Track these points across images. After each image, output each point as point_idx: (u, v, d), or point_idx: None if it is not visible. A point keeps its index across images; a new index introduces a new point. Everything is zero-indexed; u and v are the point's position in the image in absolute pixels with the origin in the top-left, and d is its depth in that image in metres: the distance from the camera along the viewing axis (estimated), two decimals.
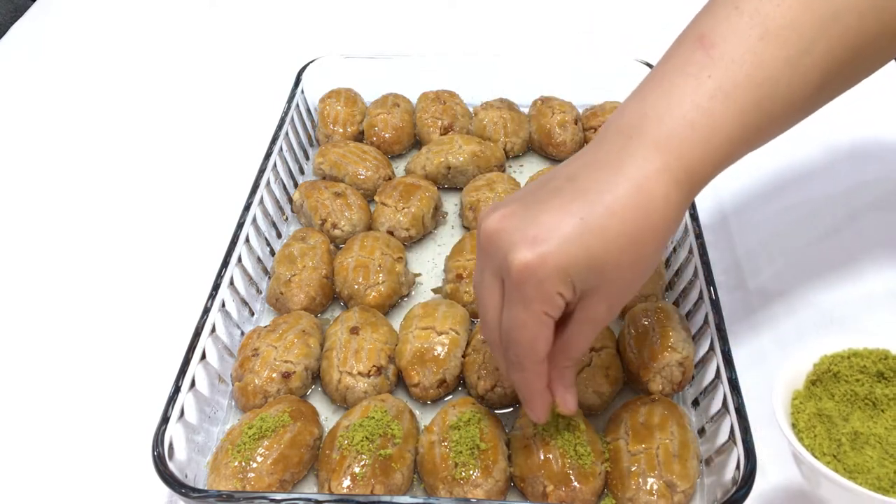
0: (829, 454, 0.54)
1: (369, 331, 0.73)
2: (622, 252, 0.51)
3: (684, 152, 0.52)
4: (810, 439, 0.55)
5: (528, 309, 0.52)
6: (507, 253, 0.52)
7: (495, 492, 0.61)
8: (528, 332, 0.53)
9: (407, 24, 1.31)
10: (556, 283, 0.51)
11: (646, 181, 0.51)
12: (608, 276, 0.52)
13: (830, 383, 0.58)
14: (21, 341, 0.81)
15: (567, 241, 0.50)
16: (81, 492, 0.67)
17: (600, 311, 0.54)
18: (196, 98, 1.16)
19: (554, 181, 0.54)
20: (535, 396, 0.57)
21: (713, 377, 0.67)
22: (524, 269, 0.50)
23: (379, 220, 0.88)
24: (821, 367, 0.59)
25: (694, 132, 0.52)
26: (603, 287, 0.52)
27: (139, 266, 0.89)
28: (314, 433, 0.66)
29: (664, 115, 0.53)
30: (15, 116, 1.15)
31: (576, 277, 0.51)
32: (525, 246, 0.51)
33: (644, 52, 1.02)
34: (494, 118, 1.00)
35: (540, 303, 0.51)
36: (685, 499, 0.61)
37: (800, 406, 0.57)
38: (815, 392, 0.58)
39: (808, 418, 0.56)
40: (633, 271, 0.53)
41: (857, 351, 0.59)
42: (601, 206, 0.51)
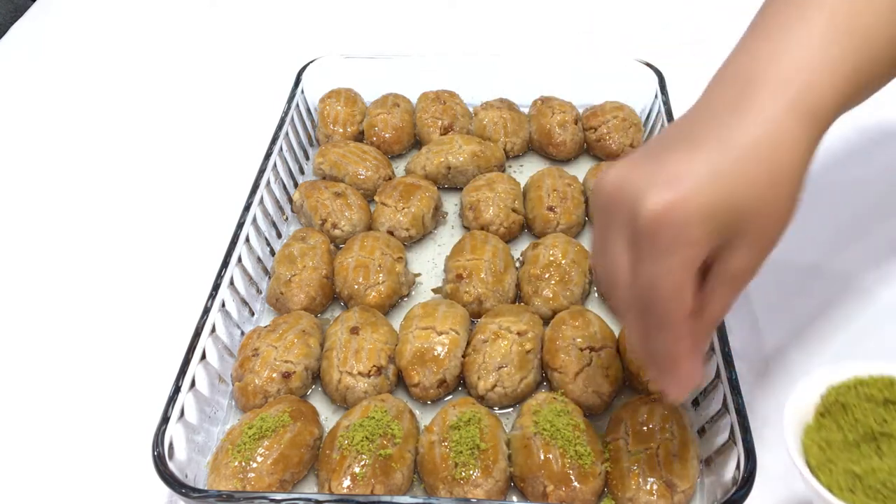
0: (846, 489, 0.53)
1: (369, 331, 0.73)
2: (761, 194, 0.48)
3: (806, 92, 0.50)
4: (826, 476, 0.54)
5: (669, 256, 0.47)
6: (638, 200, 0.47)
7: (495, 492, 0.61)
8: (671, 281, 0.47)
9: (407, 24, 1.31)
10: (699, 226, 0.46)
11: (773, 122, 0.49)
12: (748, 222, 0.48)
13: (839, 414, 0.58)
14: (21, 341, 0.81)
15: (705, 182, 0.46)
16: (81, 492, 0.67)
17: (743, 263, 0.49)
18: (196, 98, 1.16)
19: (674, 132, 0.52)
20: (682, 361, 0.51)
21: (713, 377, 0.67)
22: (663, 212, 0.46)
23: (379, 220, 0.88)
24: (828, 398, 0.58)
25: (813, 72, 0.51)
26: (746, 235, 0.48)
27: (139, 266, 0.89)
28: (314, 433, 0.66)
29: (780, 57, 0.52)
30: (15, 116, 1.15)
31: (720, 221, 0.47)
32: (660, 189, 0.46)
33: (644, 52, 1.03)
34: (494, 118, 1.00)
35: (683, 247, 0.47)
36: (685, 499, 0.61)
37: (811, 441, 0.57)
38: (824, 424, 0.58)
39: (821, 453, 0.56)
40: (772, 216, 0.49)
41: (862, 379, 0.59)
42: (734, 147, 0.48)
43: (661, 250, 0.47)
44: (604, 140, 0.97)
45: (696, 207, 0.46)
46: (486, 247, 0.81)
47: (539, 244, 0.82)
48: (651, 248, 0.47)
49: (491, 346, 0.71)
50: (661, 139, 0.52)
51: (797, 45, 0.52)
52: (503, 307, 0.76)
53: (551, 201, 0.87)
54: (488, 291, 0.78)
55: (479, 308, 0.78)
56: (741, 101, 0.51)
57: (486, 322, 0.74)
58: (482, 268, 0.79)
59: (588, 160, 1.00)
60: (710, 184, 0.47)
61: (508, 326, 0.72)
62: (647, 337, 0.52)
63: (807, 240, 0.87)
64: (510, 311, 0.75)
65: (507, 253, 0.83)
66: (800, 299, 0.81)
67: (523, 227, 0.90)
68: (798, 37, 0.52)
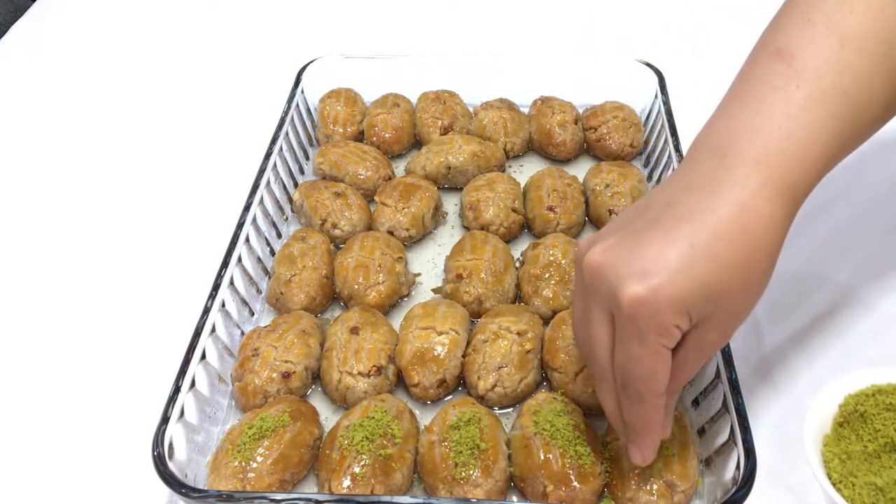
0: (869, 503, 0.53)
1: (369, 331, 0.73)
2: (734, 276, 0.49)
3: (783, 166, 0.51)
4: (849, 490, 0.54)
5: (644, 343, 0.50)
6: (616, 288, 0.50)
7: (495, 492, 0.61)
8: (646, 365, 0.51)
9: (407, 24, 1.31)
10: (671, 316, 0.49)
11: (749, 200, 0.50)
12: (721, 302, 0.50)
13: (858, 424, 0.58)
14: (21, 342, 0.81)
15: (678, 270, 0.48)
16: (81, 492, 0.67)
17: (714, 338, 0.51)
18: (196, 98, 1.16)
19: (651, 209, 0.53)
20: (652, 431, 0.55)
21: (713, 377, 0.67)
22: (637, 303, 0.48)
23: (379, 220, 0.88)
24: (846, 408, 0.58)
25: (790, 144, 0.51)
26: (717, 313, 0.50)
27: (139, 266, 0.89)
28: (314, 433, 0.66)
29: (757, 129, 0.52)
30: (15, 116, 1.15)
31: (691, 307, 0.49)
32: (635, 279, 0.49)
33: (644, 52, 1.03)
34: (494, 118, 1.00)
35: (656, 336, 0.49)
36: (685, 499, 0.61)
37: (831, 453, 0.56)
38: (843, 434, 0.58)
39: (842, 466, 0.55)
40: (745, 295, 0.51)
41: (881, 387, 0.59)
42: (706, 230, 0.49)
43: (639, 335, 0.50)
44: (604, 140, 0.97)
45: (668, 298, 0.48)
46: (486, 247, 0.81)
47: (539, 244, 0.82)
48: (630, 331, 0.50)
49: (491, 346, 0.71)
50: (641, 212, 0.53)
51: (774, 115, 0.52)
52: (503, 307, 0.76)
53: (551, 201, 0.87)
54: (488, 291, 0.78)
55: (479, 308, 0.78)
56: (718, 176, 0.51)
57: (486, 322, 0.74)
58: (482, 268, 0.79)
59: (588, 160, 1.00)
60: (685, 270, 0.48)
61: (508, 326, 0.72)
62: (622, 407, 0.55)
63: (808, 244, 0.87)
64: (510, 311, 0.75)
65: (507, 253, 0.83)
66: (800, 300, 0.81)
67: (523, 227, 0.90)
68: (775, 106, 0.52)
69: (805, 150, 0.51)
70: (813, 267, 0.84)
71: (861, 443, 0.57)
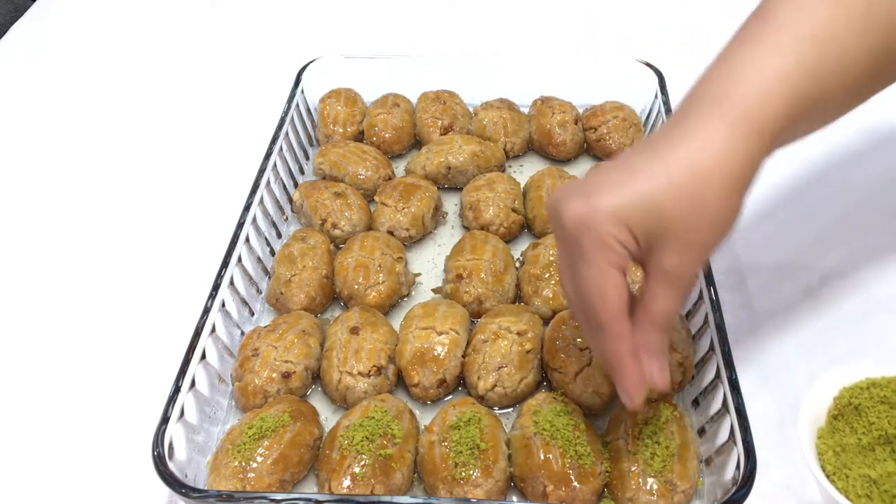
0: (863, 495, 0.54)
1: (369, 331, 0.73)
2: (681, 198, 0.50)
3: (749, 102, 0.51)
4: (843, 482, 0.54)
5: (587, 260, 0.51)
6: (560, 213, 0.52)
7: (495, 492, 0.61)
8: (593, 284, 0.51)
9: (407, 24, 1.31)
10: (609, 227, 0.50)
11: (701, 130, 0.51)
12: (671, 222, 0.50)
13: (852, 417, 0.58)
14: (21, 342, 0.81)
15: (618, 186, 0.50)
16: (81, 492, 0.67)
17: (671, 262, 0.51)
18: (196, 98, 1.16)
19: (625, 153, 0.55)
20: (622, 364, 0.53)
21: (713, 377, 0.67)
22: (576, 220, 0.51)
23: (379, 220, 0.88)
24: (841, 400, 0.58)
25: (760, 84, 0.52)
26: (669, 234, 0.50)
27: (139, 266, 0.89)
28: (314, 433, 0.66)
29: (728, 75, 0.53)
30: (15, 116, 1.15)
31: (632, 220, 0.50)
32: (576, 200, 0.51)
33: (644, 52, 1.03)
34: (494, 118, 1.00)
35: (597, 250, 0.50)
36: (685, 499, 0.61)
37: (825, 445, 0.56)
38: (837, 427, 0.58)
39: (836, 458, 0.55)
40: (697, 219, 0.50)
41: (875, 381, 0.59)
42: (655, 156, 0.51)
43: (583, 255, 0.51)
44: (604, 140, 0.97)
45: (606, 211, 0.50)
46: (486, 247, 0.81)
47: (539, 244, 0.82)
48: (575, 254, 0.52)
49: (491, 346, 0.71)
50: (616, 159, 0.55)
51: (751, 59, 0.53)
52: (503, 307, 0.76)
53: None
54: (488, 291, 0.78)
55: (479, 308, 0.78)
56: (677, 121, 0.53)
57: (486, 322, 0.74)
58: (482, 268, 0.79)
59: (588, 160, 1.00)
60: (625, 187, 0.50)
61: (508, 326, 0.72)
62: (592, 341, 0.55)
63: (806, 240, 0.87)
64: (510, 311, 0.75)
65: (507, 253, 0.83)
66: (800, 299, 0.81)
67: (523, 227, 0.90)
68: (746, 54, 0.53)
69: (772, 89, 0.52)
70: (813, 266, 0.84)
71: (855, 435, 0.57)
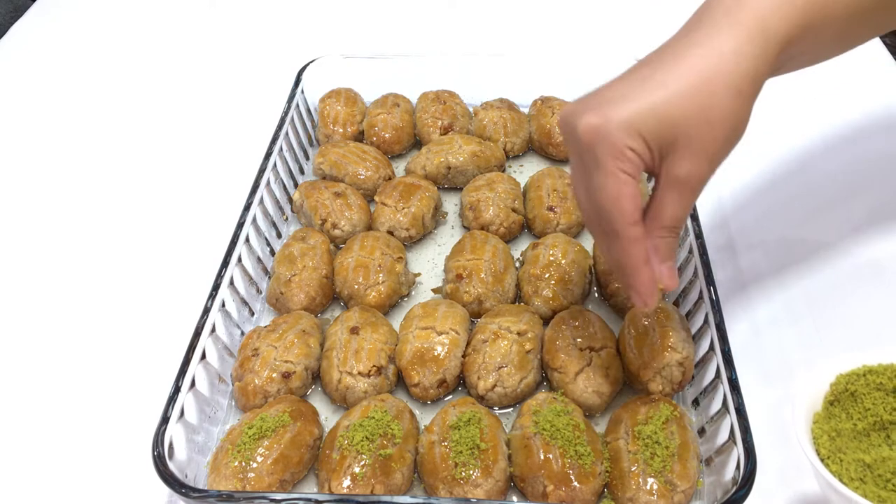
0: (856, 479, 0.54)
1: (369, 331, 0.73)
2: (694, 104, 0.51)
3: (763, 12, 0.53)
4: (836, 465, 0.54)
5: (602, 170, 0.53)
6: (574, 127, 0.53)
7: (495, 492, 0.61)
8: (608, 192, 0.53)
9: (407, 24, 1.31)
10: (622, 137, 0.51)
11: (712, 37, 0.52)
12: (683, 130, 0.52)
13: (848, 403, 0.58)
14: (21, 341, 0.81)
15: (630, 98, 0.52)
16: (81, 492, 0.67)
17: (683, 169, 0.53)
18: (196, 98, 1.16)
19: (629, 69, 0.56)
20: (636, 269, 0.56)
21: (713, 377, 0.67)
22: (590, 131, 0.52)
23: (379, 220, 0.88)
24: (837, 386, 0.58)
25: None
26: (680, 142, 0.52)
27: (140, 266, 0.89)
28: (314, 433, 0.66)
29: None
30: (15, 116, 1.15)
31: (644, 130, 0.52)
32: (589, 113, 0.53)
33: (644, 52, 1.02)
34: (494, 118, 1.00)
35: (612, 160, 0.52)
36: (685, 499, 0.61)
37: (820, 430, 0.57)
38: (833, 413, 0.58)
39: (831, 442, 0.56)
40: (710, 125, 0.52)
41: (872, 368, 0.59)
42: (664, 65, 0.52)
43: (597, 164, 0.53)
44: None
45: (619, 120, 0.52)
46: (486, 247, 0.81)
47: (539, 244, 0.82)
48: (590, 164, 0.54)
49: (491, 346, 0.71)
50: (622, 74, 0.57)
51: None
52: (503, 307, 0.76)
53: (551, 201, 0.87)
54: (488, 291, 0.78)
55: (479, 308, 0.78)
56: (692, 27, 0.54)
57: (486, 322, 0.74)
58: (482, 268, 0.79)
59: None
60: (637, 97, 0.52)
61: (508, 326, 0.72)
62: (606, 249, 0.58)
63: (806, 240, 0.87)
64: (510, 311, 0.75)
65: (507, 253, 0.83)
66: (800, 299, 0.81)
67: (523, 227, 0.90)
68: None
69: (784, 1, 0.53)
70: (813, 264, 0.84)
71: (851, 421, 0.57)
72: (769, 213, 0.91)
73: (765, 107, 0.58)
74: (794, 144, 0.99)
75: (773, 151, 0.98)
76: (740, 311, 0.79)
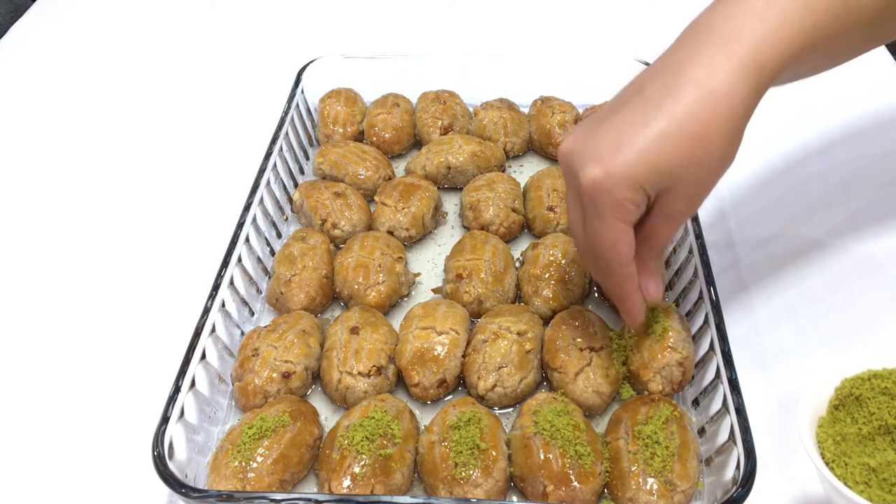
0: (861, 482, 0.54)
1: (369, 331, 0.73)
2: (691, 150, 0.53)
3: (752, 43, 0.53)
4: (841, 469, 0.55)
5: (603, 220, 0.56)
6: (577, 172, 0.55)
7: (495, 492, 0.61)
8: (607, 240, 0.57)
9: (407, 24, 1.31)
10: (625, 192, 0.54)
11: (709, 76, 0.53)
12: (679, 175, 0.54)
13: (853, 407, 0.58)
14: (21, 341, 0.81)
15: (631, 151, 0.53)
16: (82, 492, 0.67)
17: (678, 208, 0.56)
18: (196, 98, 1.16)
19: (625, 94, 0.57)
20: (628, 298, 0.62)
21: (713, 377, 0.67)
22: (594, 184, 0.54)
23: (379, 220, 0.88)
24: (842, 391, 0.59)
25: (763, 24, 0.54)
26: (677, 185, 0.54)
27: (139, 266, 0.89)
28: (314, 433, 0.66)
29: (734, 13, 0.55)
30: (15, 116, 1.15)
31: (645, 183, 0.54)
32: (593, 163, 0.54)
33: (644, 52, 1.02)
34: (494, 118, 1.00)
35: (612, 212, 0.55)
36: (685, 499, 0.61)
37: (825, 434, 0.57)
38: (838, 417, 0.58)
39: (835, 446, 0.56)
40: (704, 167, 0.54)
41: (876, 372, 0.59)
42: (663, 111, 0.53)
43: (598, 213, 0.56)
44: None
45: (621, 177, 0.53)
46: (486, 247, 0.81)
47: (539, 244, 0.82)
48: (591, 210, 0.56)
49: (491, 346, 0.71)
50: (618, 97, 0.58)
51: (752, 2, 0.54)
52: (503, 307, 0.76)
53: (551, 201, 0.87)
54: (488, 291, 0.78)
55: (479, 308, 0.78)
56: (687, 55, 0.55)
57: (486, 322, 0.74)
58: (482, 268, 0.79)
59: None
60: (637, 150, 0.53)
61: (508, 326, 0.72)
62: (599, 279, 0.63)
63: (807, 240, 0.87)
64: (510, 311, 0.75)
65: (507, 253, 0.83)
66: (800, 299, 0.81)
67: (523, 227, 0.90)
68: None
69: (777, 30, 0.54)
70: (814, 263, 0.84)
71: (856, 425, 0.57)
72: (770, 213, 0.91)
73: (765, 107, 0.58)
74: (794, 144, 0.99)
75: (773, 151, 0.98)
76: (740, 311, 0.79)
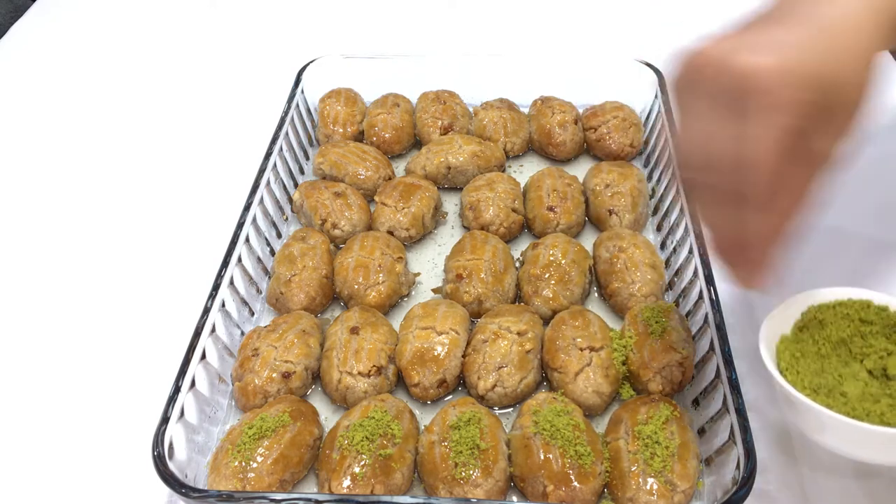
0: (809, 389, 0.58)
1: (369, 331, 0.73)
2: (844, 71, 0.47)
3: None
4: (793, 376, 0.59)
5: (766, 120, 0.46)
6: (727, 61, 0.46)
7: (495, 492, 0.61)
8: (763, 145, 0.46)
9: (407, 24, 1.31)
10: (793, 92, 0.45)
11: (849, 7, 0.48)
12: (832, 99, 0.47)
13: (815, 329, 0.62)
14: (22, 342, 0.81)
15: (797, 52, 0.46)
16: (82, 492, 0.67)
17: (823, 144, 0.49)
18: (196, 98, 1.16)
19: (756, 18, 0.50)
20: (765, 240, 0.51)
21: (713, 377, 0.67)
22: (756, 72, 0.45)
23: (379, 220, 0.88)
24: (808, 315, 0.63)
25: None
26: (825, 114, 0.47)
27: (140, 266, 0.89)
28: (314, 433, 0.66)
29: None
30: (15, 116, 1.15)
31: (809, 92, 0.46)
32: (761, 50, 0.46)
33: (644, 52, 1.03)
34: (494, 118, 1.00)
35: (777, 113, 0.45)
36: (685, 499, 0.61)
37: (784, 348, 0.61)
38: (800, 337, 0.62)
39: (791, 358, 0.60)
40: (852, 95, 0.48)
41: (842, 301, 0.63)
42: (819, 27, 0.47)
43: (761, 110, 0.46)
44: (604, 140, 0.97)
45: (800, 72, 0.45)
46: (486, 247, 0.81)
47: (539, 244, 0.82)
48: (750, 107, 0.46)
49: (491, 346, 0.71)
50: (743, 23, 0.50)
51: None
52: (503, 307, 0.76)
53: (551, 201, 0.87)
54: (488, 291, 0.78)
55: (479, 308, 0.78)
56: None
57: (486, 322, 0.74)
58: (482, 268, 0.79)
59: (588, 160, 1.00)
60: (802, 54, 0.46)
61: (508, 326, 0.72)
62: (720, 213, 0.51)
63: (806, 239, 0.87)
64: (510, 311, 0.75)
65: (507, 253, 0.83)
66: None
67: (523, 227, 0.90)
68: None
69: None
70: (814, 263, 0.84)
71: (816, 345, 0.61)
72: None
73: None
74: None
75: None
76: (740, 311, 0.79)
